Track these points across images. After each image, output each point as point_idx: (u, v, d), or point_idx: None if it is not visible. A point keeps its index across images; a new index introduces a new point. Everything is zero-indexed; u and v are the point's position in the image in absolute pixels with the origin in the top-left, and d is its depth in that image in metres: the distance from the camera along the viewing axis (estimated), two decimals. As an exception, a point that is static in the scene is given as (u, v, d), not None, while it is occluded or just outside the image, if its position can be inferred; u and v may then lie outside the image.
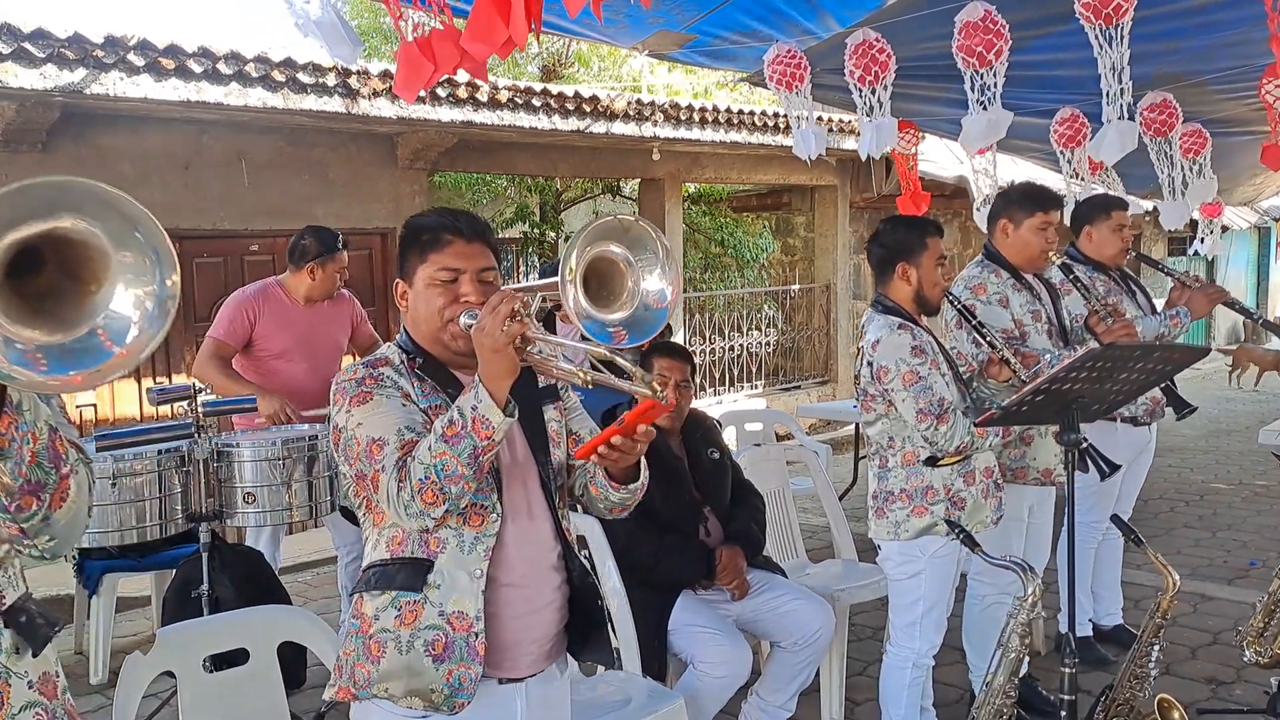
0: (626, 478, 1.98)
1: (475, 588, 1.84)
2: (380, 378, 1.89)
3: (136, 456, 3.20)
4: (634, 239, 1.95)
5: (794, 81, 4.46)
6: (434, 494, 1.72)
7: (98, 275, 1.18)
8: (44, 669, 1.40)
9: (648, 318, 1.97)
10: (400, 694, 1.83)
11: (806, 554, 4.07)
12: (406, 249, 1.98)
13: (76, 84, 5.07)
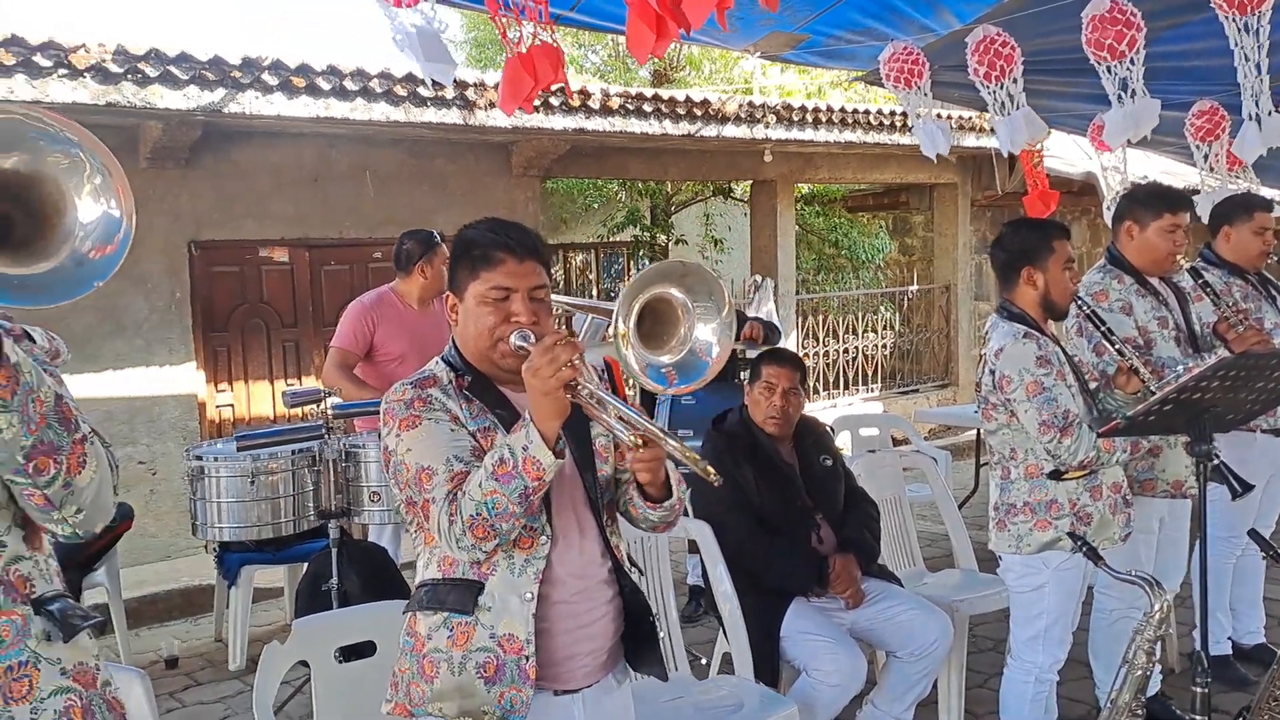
0: (660, 495, 1.95)
1: (526, 611, 1.84)
2: (429, 400, 1.88)
3: (272, 456, 3.38)
4: (691, 284, 1.94)
5: (912, 79, 4.39)
6: (485, 530, 1.73)
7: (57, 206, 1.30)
8: (81, 659, 1.46)
9: (695, 364, 1.96)
10: (454, 714, 1.84)
11: (924, 563, 4.00)
12: (457, 262, 1.97)
13: (216, 103, 5.36)
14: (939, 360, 10.42)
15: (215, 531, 3.44)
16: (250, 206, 6.39)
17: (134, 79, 5.06)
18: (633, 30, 2.60)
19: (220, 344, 6.51)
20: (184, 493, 5.96)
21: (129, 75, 5.03)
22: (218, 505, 3.37)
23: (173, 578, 5.51)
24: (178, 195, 6.08)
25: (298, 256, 6.75)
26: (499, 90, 3.03)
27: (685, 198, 11.00)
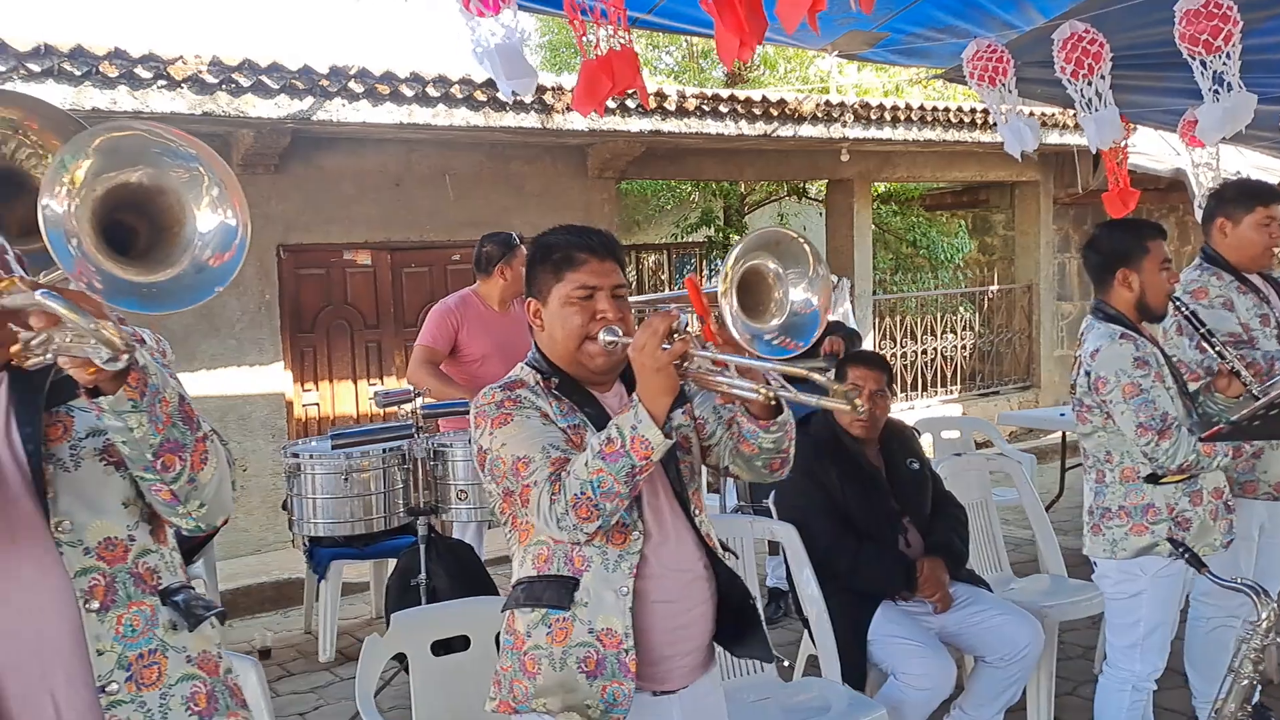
0: (768, 413, 1.90)
1: (622, 605, 1.85)
2: (519, 399, 1.92)
3: (364, 454, 3.47)
4: (783, 252, 1.94)
5: (997, 76, 4.33)
6: (588, 510, 1.75)
7: (178, 210, 1.37)
8: (204, 648, 1.52)
9: (801, 322, 1.95)
10: (558, 709, 1.86)
11: (1011, 568, 3.93)
12: (537, 268, 2.00)
13: (305, 111, 5.51)
14: (1020, 361, 10.22)
15: (310, 526, 3.54)
16: (335, 210, 6.55)
17: (228, 89, 5.23)
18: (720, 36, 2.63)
19: (306, 344, 6.69)
20: (273, 489, 6.18)
21: (223, 85, 5.20)
22: (313, 501, 3.47)
23: (263, 571, 5.68)
24: (267, 200, 6.26)
25: (380, 259, 6.90)
26: (574, 92, 3.05)
27: (759, 198, 10.96)
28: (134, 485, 1.47)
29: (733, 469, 2.05)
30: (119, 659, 1.40)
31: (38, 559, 1.38)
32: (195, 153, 1.38)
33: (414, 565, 3.54)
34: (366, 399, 6.83)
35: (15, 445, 1.42)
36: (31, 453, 1.41)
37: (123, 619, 1.41)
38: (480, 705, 2.39)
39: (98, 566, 1.41)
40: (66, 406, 1.47)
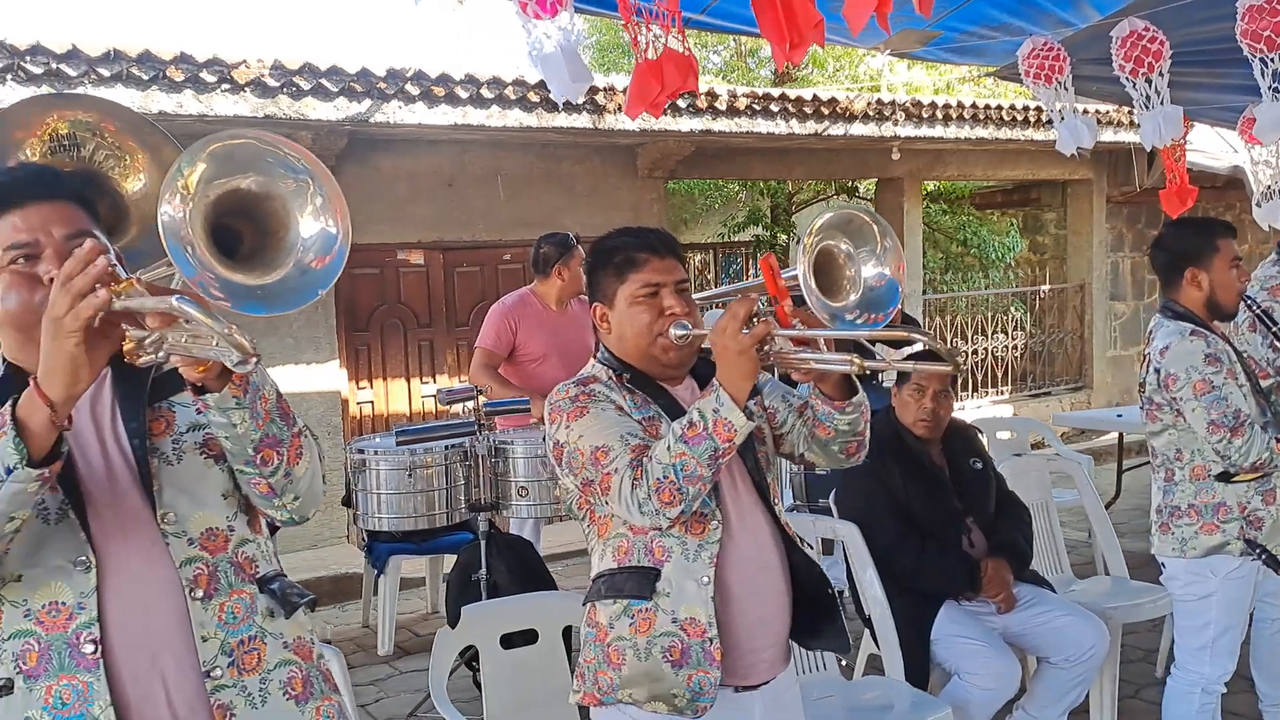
0: (843, 393, 1.93)
1: (704, 594, 1.86)
2: (593, 393, 1.95)
3: (427, 451, 3.53)
4: (854, 231, 1.96)
5: (1053, 74, 4.30)
6: (671, 493, 1.77)
7: (283, 216, 1.41)
8: (298, 634, 1.56)
9: (878, 295, 1.97)
10: (644, 699, 1.88)
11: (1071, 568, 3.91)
12: (599, 271, 2.04)
13: (363, 113, 5.60)
14: (1072, 362, 10.09)
15: (375, 521, 3.60)
16: (389, 211, 6.64)
17: (289, 92, 5.33)
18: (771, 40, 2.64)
19: (361, 343, 6.79)
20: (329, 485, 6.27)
21: (285, 89, 5.31)
22: (378, 496, 3.53)
23: (320, 565, 5.78)
24: (324, 201, 6.37)
25: (433, 259, 6.99)
26: (626, 94, 3.07)
27: (807, 196, 10.92)
28: (231, 477, 1.52)
29: (808, 456, 2.06)
30: (222, 645, 1.44)
31: (146, 551, 1.43)
32: (304, 164, 1.42)
33: (474, 560, 3.59)
34: (419, 396, 6.93)
35: (122, 440, 1.47)
36: (137, 447, 1.46)
37: (224, 607, 1.46)
38: (547, 696, 2.44)
39: (201, 556, 1.46)
40: (168, 401, 1.52)
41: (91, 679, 1.35)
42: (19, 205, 1.40)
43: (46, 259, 1.39)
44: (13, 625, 1.37)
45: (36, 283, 1.38)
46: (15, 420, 1.25)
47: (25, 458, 1.25)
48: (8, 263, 1.39)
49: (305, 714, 1.51)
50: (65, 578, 1.37)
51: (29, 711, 1.35)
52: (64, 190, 1.45)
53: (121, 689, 1.37)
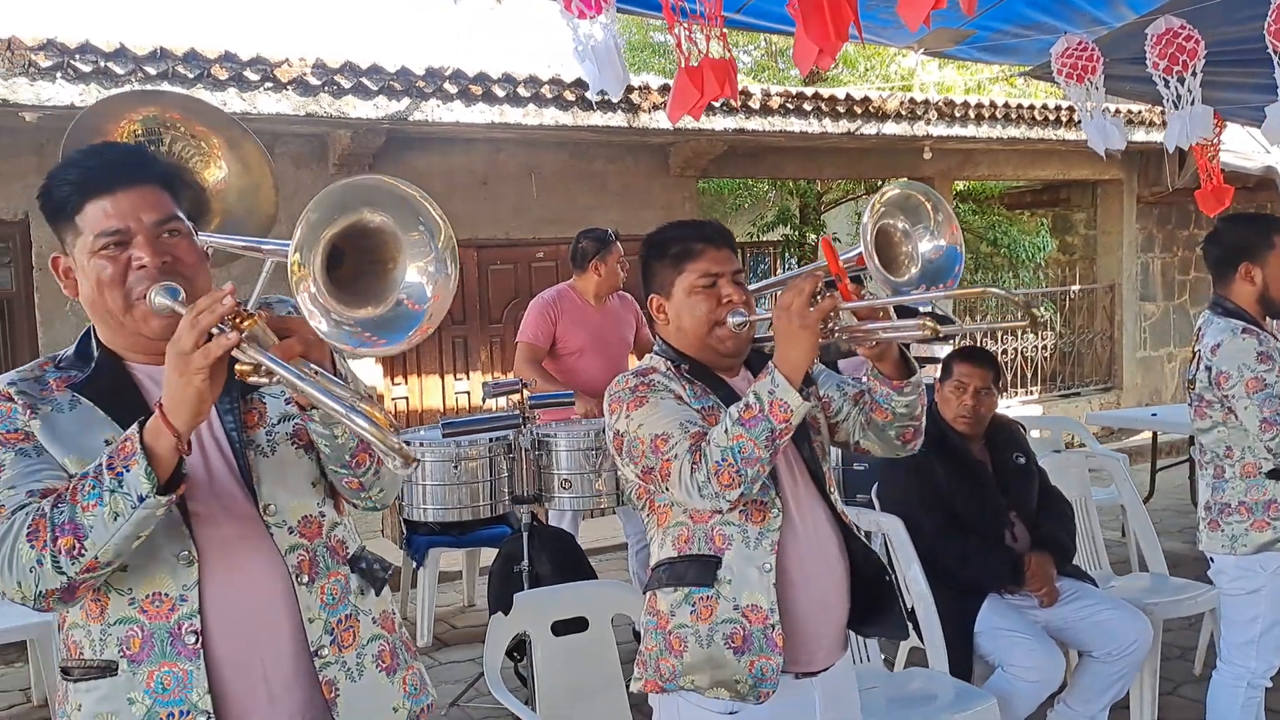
0: (900, 371, 1.95)
1: (766, 581, 1.88)
2: (652, 383, 1.98)
3: (472, 443, 3.58)
4: (908, 207, 1.99)
5: (1085, 74, 4.30)
6: (730, 475, 1.78)
7: (393, 255, 1.41)
8: (383, 608, 1.62)
9: (939, 265, 2.00)
10: (706, 685, 1.89)
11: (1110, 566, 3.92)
12: (655, 264, 2.07)
13: (402, 112, 5.67)
14: (1101, 362, 10.05)
15: (420, 512, 3.66)
16: (425, 209, 6.71)
17: (330, 90, 5.41)
18: (800, 43, 2.66)
19: (395, 340, 6.85)
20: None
21: (325, 87, 5.38)
22: (423, 487, 3.59)
23: (357, 559, 5.85)
24: (361, 199, 6.45)
25: (466, 256, 7.05)
26: (669, 99, 3.11)
27: (836, 196, 10.92)
28: (318, 465, 1.57)
29: (864, 443, 2.08)
30: (324, 625, 1.50)
31: (249, 542, 1.48)
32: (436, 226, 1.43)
33: (517, 552, 3.64)
34: (453, 393, 6.99)
35: (218, 434, 1.51)
36: (235, 441, 1.51)
37: (325, 589, 1.52)
38: (598, 683, 2.48)
39: (301, 543, 1.51)
40: (258, 392, 1.56)
41: (191, 667, 1.41)
42: (109, 191, 1.43)
43: (137, 245, 1.43)
44: (118, 612, 1.42)
45: (127, 267, 1.43)
46: (145, 448, 1.30)
47: (155, 486, 1.29)
48: (99, 249, 1.42)
49: (394, 684, 1.58)
50: (168, 570, 1.42)
51: (131, 693, 1.41)
52: (152, 174, 1.48)
53: (219, 676, 1.43)
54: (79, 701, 1.44)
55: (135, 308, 1.44)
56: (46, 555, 1.31)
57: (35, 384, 1.47)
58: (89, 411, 1.45)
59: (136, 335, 1.47)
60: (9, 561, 1.33)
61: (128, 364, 1.51)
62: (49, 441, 1.42)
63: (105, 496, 1.29)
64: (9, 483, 1.39)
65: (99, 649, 1.43)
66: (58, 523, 1.31)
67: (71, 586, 1.34)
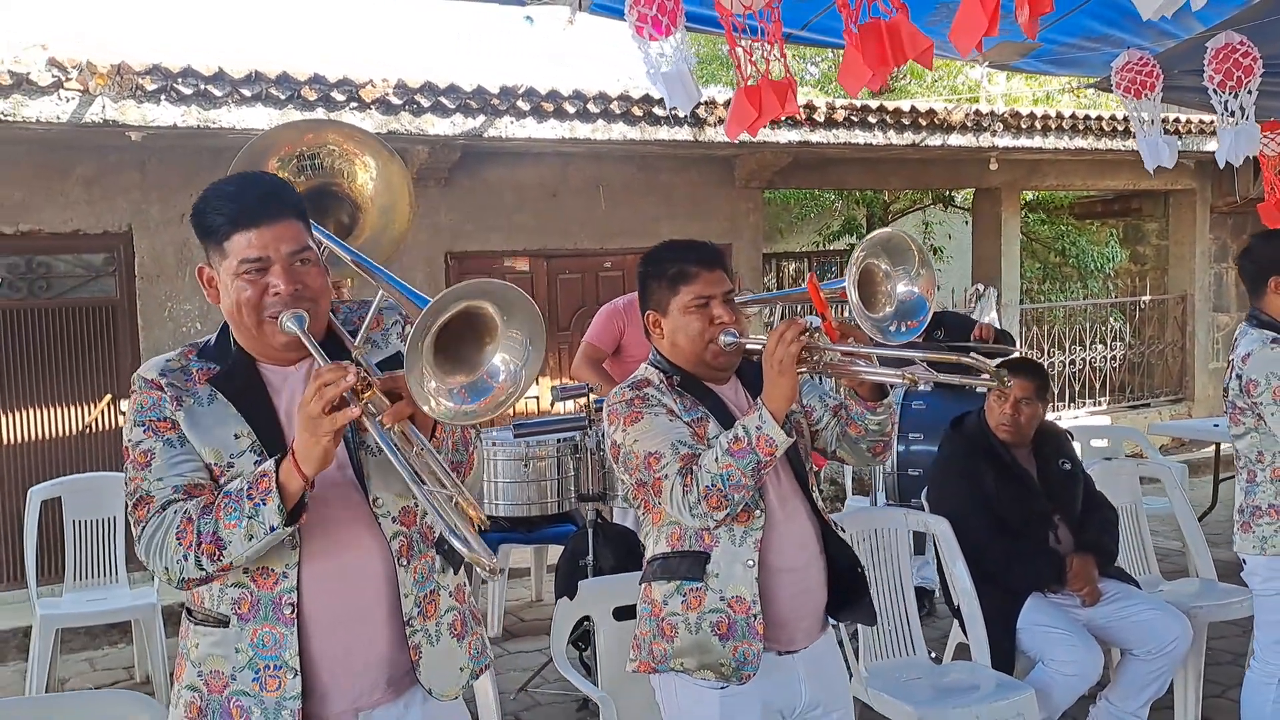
0: (874, 394, 2.13)
1: (749, 576, 2.08)
2: (646, 398, 2.17)
3: (540, 443, 3.81)
4: (894, 249, 2.14)
5: (1143, 89, 4.37)
6: (718, 499, 1.99)
7: (491, 334, 1.58)
8: (457, 582, 1.85)
9: (908, 309, 2.14)
10: (694, 668, 2.11)
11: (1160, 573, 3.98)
12: (653, 283, 2.25)
13: (477, 128, 5.94)
14: (1172, 374, 9.93)
15: (492, 507, 3.90)
16: (497, 220, 6.98)
17: (410, 109, 5.70)
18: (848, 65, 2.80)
19: (469, 345, 7.12)
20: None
21: (406, 106, 5.68)
22: (495, 485, 3.83)
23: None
24: (437, 211, 6.74)
25: (537, 266, 7.30)
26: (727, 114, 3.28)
27: (903, 206, 10.97)
28: None
29: (839, 453, 2.28)
30: (415, 599, 1.75)
31: (357, 529, 1.73)
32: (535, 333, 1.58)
33: (582, 547, 3.85)
34: (524, 398, 7.23)
35: (339, 448, 1.70)
36: (351, 444, 1.75)
37: (417, 569, 1.77)
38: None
39: (402, 530, 1.76)
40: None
41: (287, 632, 1.67)
42: (255, 225, 1.67)
43: (274, 273, 1.67)
44: (234, 577, 1.69)
45: (265, 291, 1.68)
46: (278, 485, 1.55)
47: (284, 518, 1.55)
48: (242, 272, 1.67)
49: (462, 648, 1.83)
50: (276, 550, 1.66)
51: (239, 644, 1.69)
52: (289, 210, 1.72)
53: (309, 640, 1.69)
54: (197, 641, 1.73)
55: (267, 325, 1.69)
56: (191, 554, 1.59)
57: (181, 374, 1.74)
58: (223, 407, 1.71)
59: (267, 344, 1.73)
60: (159, 549, 1.62)
61: (259, 364, 1.77)
62: (190, 431, 1.69)
63: (244, 521, 1.56)
64: (157, 474, 1.66)
65: (216, 603, 1.71)
66: (203, 532, 1.58)
67: (209, 578, 1.64)
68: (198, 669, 1.71)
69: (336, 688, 1.71)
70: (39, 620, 3.97)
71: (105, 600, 4.19)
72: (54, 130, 5.07)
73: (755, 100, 3.15)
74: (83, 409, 5.78)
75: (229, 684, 1.68)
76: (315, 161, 2.16)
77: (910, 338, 2.13)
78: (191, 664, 1.72)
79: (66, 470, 5.30)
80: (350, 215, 2.14)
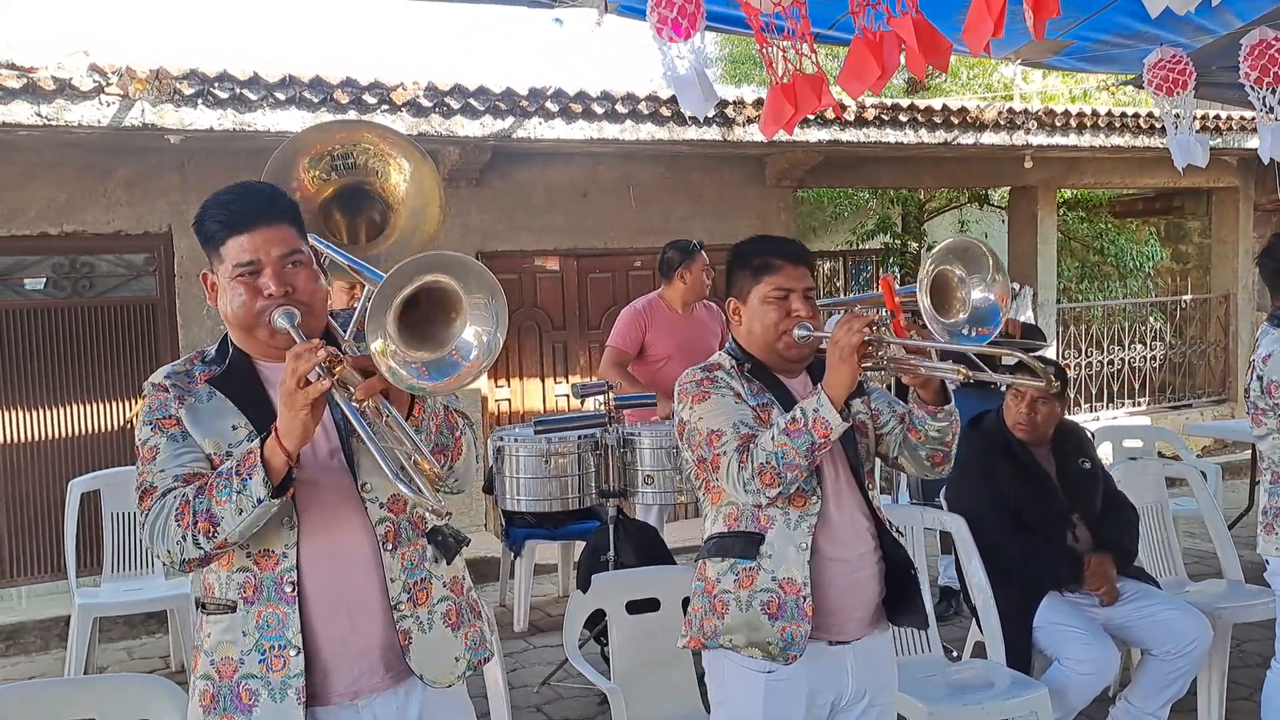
0: (938, 398, 2.16)
1: (802, 559, 2.13)
2: (715, 379, 2.25)
3: (562, 440, 3.85)
4: (969, 257, 2.16)
5: (1175, 87, 4.32)
6: (772, 477, 2.05)
7: (458, 310, 1.62)
8: (454, 574, 1.89)
9: (982, 315, 2.17)
10: (742, 645, 2.16)
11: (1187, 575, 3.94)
12: (738, 271, 2.33)
13: (506, 130, 6.00)
14: (1214, 374, 9.76)
15: (514, 503, 3.95)
16: (527, 220, 7.04)
17: (440, 111, 5.78)
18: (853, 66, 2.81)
19: (500, 344, 7.20)
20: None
21: (436, 109, 5.76)
22: (516, 480, 3.88)
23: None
24: (468, 211, 6.82)
25: (567, 265, 7.36)
26: (761, 115, 3.29)
27: (939, 204, 10.89)
28: None
29: (900, 459, 2.31)
30: (403, 585, 1.81)
31: (346, 513, 1.79)
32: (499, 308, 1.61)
33: (604, 543, 3.89)
34: (553, 395, 7.31)
35: (328, 424, 1.82)
36: (341, 429, 1.82)
37: (405, 555, 1.82)
38: (668, 657, 2.70)
39: (389, 517, 1.82)
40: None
41: (289, 610, 1.74)
42: (248, 229, 1.76)
43: (265, 275, 1.76)
44: (239, 563, 1.77)
45: (257, 293, 1.76)
46: (264, 460, 1.62)
47: (270, 491, 1.62)
48: (236, 275, 1.76)
49: (458, 638, 1.87)
50: (275, 531, 1.74)
51: (245, 627, 1.76)
52: (281, 215, 1.80)
53: (310, 618, 1.76)
54: (209, 631, 1.80)
55: (261, 324, 1.78)
56: (189, 534, 1.66)
57: (184, 377, 1.83)
58: (222, 403, 1.80)
59: (262, 343, 1.81)
60: (161, 533, 1.70)
61: (256, 363, 1.85)
62: (191, 425, 1.78)
63: (233, 496, 1.63)
64: (160, 465, 1.75)
65: (225, 590, 1.78)
66: (198, 510, 1.66)
67: (207, 558, 1.71)
68: (210, 658, 1.78)
69: (337, 669, 1.77)
70: (77, 609, 4.09)
71: (141, 590, 4.31)
72: (96, 134, 5.21)
73: (790, 96, 3.18)
74: (123, 404, 5.93)
75: (238, 668, 1.75)
76: (349, 160, 2.22)
77: (983, 343, 2.15)
78: (204, 654, 1.79)
79: (106, 464, 5.47)
80: (381, 214, 2.19)
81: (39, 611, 5.29)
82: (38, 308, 5.70)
